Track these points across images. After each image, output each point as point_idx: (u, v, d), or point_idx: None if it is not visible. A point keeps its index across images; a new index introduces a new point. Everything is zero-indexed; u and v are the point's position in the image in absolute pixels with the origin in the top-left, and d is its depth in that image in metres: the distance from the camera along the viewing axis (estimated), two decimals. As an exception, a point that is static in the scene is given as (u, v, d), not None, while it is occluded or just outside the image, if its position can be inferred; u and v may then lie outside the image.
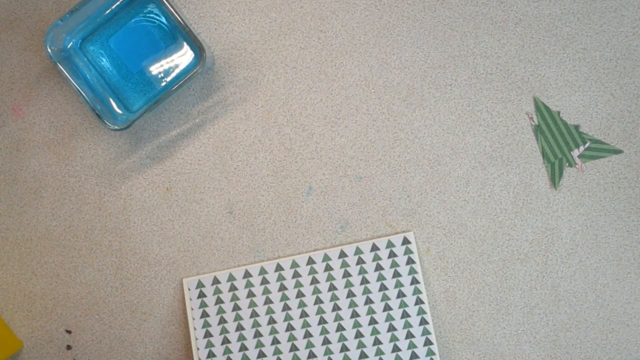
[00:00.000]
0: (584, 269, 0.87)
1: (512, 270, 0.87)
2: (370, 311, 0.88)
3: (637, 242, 0.87)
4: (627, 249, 0.87)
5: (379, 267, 0.88)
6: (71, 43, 0.87)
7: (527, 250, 0.87)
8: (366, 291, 0.89)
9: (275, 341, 0.88)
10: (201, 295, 0.88)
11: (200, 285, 0.88)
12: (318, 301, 0.89)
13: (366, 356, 0.88)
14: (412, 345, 0.87)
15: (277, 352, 0.88)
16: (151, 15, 0.87)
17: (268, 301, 0.88)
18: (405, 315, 0.88)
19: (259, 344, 0.88)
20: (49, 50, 0.82)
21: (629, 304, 0.88)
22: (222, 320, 0.88)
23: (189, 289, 0.88)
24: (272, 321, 0.88)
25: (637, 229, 0.87)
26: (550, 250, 0.87)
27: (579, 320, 0.87)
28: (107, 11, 0.87)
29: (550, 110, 0.87)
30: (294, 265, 0.88)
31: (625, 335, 0.87)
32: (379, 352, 0.88)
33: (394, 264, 0.88)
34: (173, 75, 0.88)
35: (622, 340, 0.88)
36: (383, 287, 0.88)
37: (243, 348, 0.88)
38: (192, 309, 0.88)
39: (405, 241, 0.88)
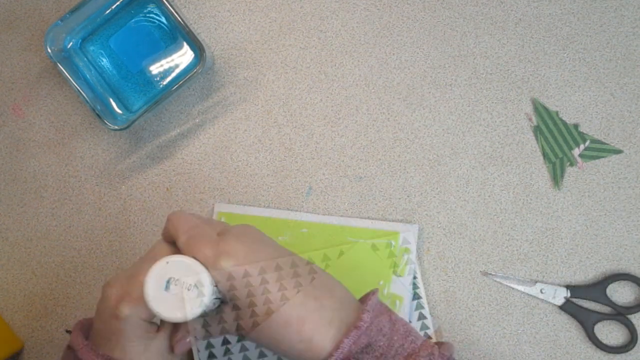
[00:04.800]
0: (584, 269, 0.87)
1: (512, 270, 0.87)
2: (370, 311, 0.88)
3: (637, 242, 0.87)
4: (627, 249, 0.87)
5: (379, 267, 0.88)
6: (71, 43, 0.87)
7: (527, 250, 0.87)
8: (366, 291, 0.88)
9: (275, 341, 0.88)
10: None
11: (200, 285, 0.88)
12: (318, 301, 0.88)
13: (366, 356, 0.88)
14: (412, 345, 0.87)
15: (277, 352, 0.88)
16: (151, 15, 0.87)
17: (268, 301, 0.88)
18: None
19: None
20: (49, 50, 0.82)
21: (629, 304, 0.87)
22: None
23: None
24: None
25: (637, 229, 0.87)
26: (550, 250, 0.87)
27: (579, 320, 0.87)
28: (107, 11, 0.87)
29: (549, 111, 0.87)
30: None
31: (626, 335, 0.87)
32: (379, 352, 0.88)
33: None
34: (173, 75, 0.88)
35: (622, 340, 0.87)
36: (383, 287, 0.88)
37: (244, 349, 0.88)
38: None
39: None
